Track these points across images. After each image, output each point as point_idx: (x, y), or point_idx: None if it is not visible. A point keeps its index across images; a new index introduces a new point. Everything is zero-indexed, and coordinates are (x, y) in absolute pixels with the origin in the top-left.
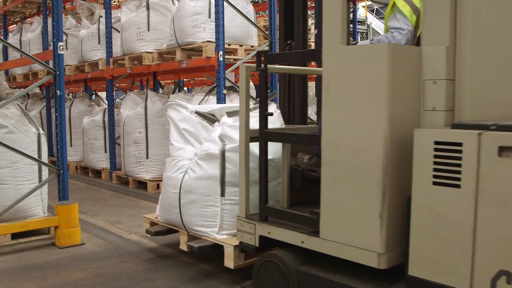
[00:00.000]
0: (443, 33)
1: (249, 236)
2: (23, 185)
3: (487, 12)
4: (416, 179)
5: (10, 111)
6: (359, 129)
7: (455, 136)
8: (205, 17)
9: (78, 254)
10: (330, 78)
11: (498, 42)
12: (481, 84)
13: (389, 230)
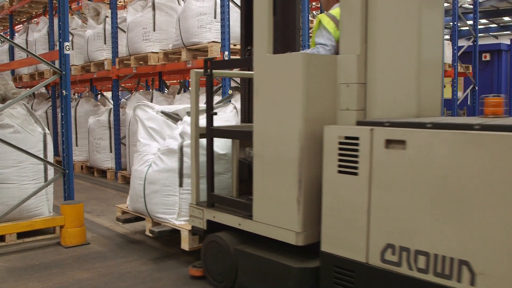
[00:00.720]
0: (355, 43)
1: (199, 221)
2: (29, 184)
3: (392, 25)
4: (325, 168)
5: (16, 111)
6: (281, 127)
7: (353, 132)
8: (210, 18)
9: (83, 254)
10: (259, 82)
11: (400, 50)
12: (388, 86)
13: (305, 212)
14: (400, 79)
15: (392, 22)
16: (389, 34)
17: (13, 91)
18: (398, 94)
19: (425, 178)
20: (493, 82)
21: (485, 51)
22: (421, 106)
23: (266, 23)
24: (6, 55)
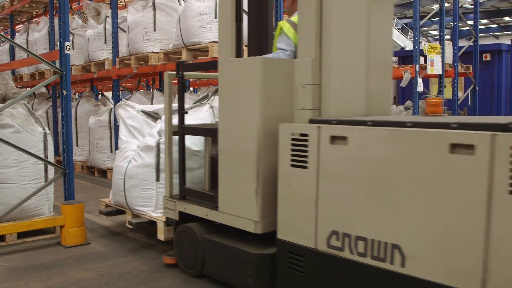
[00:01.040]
0: (310, 48)
1: (172, 212)
2: (29, 184)
3: (343, 31)
4: (280, 162)
5: (17, 111)
6: (241, 125)
7: (303, 129)
8: (211, 18)
9: (84, 254)
10: (223, 83)
11: (350, 54)
12: (340, 87)
13: (263, 203)
14: (351, 80)
15: (343, 28)
16: (341, 39)
17: (13, 91)
18: (349, 94)
19: (363, 170)
20: (493, 82)
21: (486, 51)
22: (371, 104)
23: (228, 29)
24: (6, 55)
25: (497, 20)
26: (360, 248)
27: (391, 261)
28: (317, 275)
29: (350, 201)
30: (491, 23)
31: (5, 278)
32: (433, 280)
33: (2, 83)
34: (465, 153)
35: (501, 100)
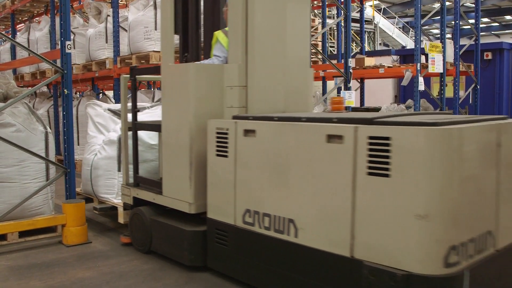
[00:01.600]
0: (237, 55)
1: (127, 198)
2: (31, 183)
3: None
4: (208, 153)
5: (18, 110)
6: (178, 121)
7: (224, 124)
8: None
9: (85, 253)
10: (164, 85)
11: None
12: (263, 88)
13: (196, 187)
14: (271, 81)
15: (265, 36)
16: (263, 47)
17: (14, 90)
18: (270, 93)
19: (267, 158)
20: (494, 81)
21: (487, 50)
22: (289, 102)
23: (168, 39)
24: (8, 54)
25: (498, 18)
26: (266, 223)
27: (288, 232)
28: (236, 247)
29: (258, 184)
30: (492, 21)
31: (7, 277)
32: (318, 248)
33: (3, 82)
34: (337, 142)
35: (502, 98)
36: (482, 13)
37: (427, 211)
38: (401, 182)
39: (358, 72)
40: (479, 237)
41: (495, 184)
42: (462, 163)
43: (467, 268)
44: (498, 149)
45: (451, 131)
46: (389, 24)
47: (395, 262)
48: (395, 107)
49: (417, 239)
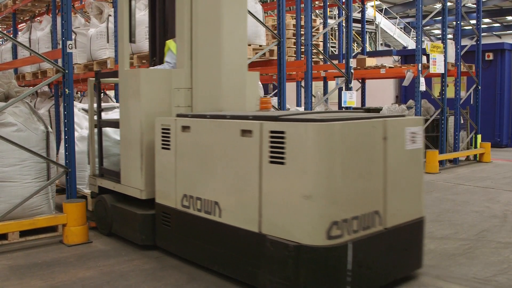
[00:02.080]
0: (183, 61)
1: (94, 187)
2: (31, 183)
3: (205, 48)
4: (156, 146)
5: (19, 109)
6: (131, 118)
7: (167, 121)
8: None
9: (86, 252)
10: (121, 88)
11: (211, 64)
12: (205, 89)
13: (146, 176)
14: (212, 83)
15: (207, 44)
16: (205, 55)
17: (16, 89)
18: (211, 94)
19: (199, 150)
20: (496, 81)
21: (488, 50)
22: (228, 102)
23: (124, 47)
24: (9, 53)
25: (499, 19)
26: (198, 205)
27: (214, 213)
28: (177, 227)
29: (192, 172)
30: (493, 22)
31: (8, 276)
32: (236, 225)
33: (4, 82)
34: (248, 136)
35: (503, 99)
36: (483, 13)
37: (311, 192)
38: (292, 169)
39: (359, 73)
40: (365, 216)
41: (382, 171)
42: (344, 153)
43: (350, 241)
44: (385, 141)
45: (332, 127)
46: (390, 25)
47: (289, 235)
48: (396, 107)
49: (304, 216)
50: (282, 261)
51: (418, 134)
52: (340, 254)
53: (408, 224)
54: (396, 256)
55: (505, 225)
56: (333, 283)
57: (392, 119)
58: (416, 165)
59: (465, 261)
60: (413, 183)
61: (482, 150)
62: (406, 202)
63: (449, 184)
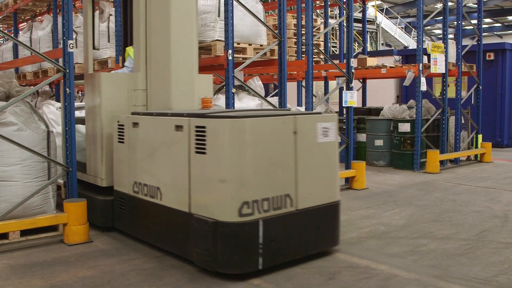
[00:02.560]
0: (140, 65)
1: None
2: (32, 182)
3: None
4: (113, 140)
5: (20, 109)
6: (94, 116)
7: (121, 118)
8: (214, 16)
9: (87, 252)
10: (86, 89)
11: (162, 69)
12: (158, 90)
13: (106, 166)
14: (165, 86)
15: (159, 53)
16: (158, 60)
17: (17, 89)
18: (164, 95)
19: (145, 143)
20: (497, 81)
21: (489, 50)
22: (178, 101)
23: (88, 52)
24: (10, 53)
25: (500, 19)
26: (145, 191)
27: (157, 197)
28: (130, 210)
29: (140, 162)
30: (494, 22)
31: (8, 275)
32: (173, 207)
33: (5, 81)
34: (180, 130)
35: (504, 99)
36: (484, 13)
37: (225, 177)
38: (211, 157)
39: (360, 72)
40: (276, 198)
41: (293, 161)
42: (255, 144)
43: (261, 218)
44: (295, 135)
45: (243, 122)
46: (391, 24)
47: (210, 214)
48: (397, 107)
49: (220, 197)
50: (204, 235)
51: (331, 129)
52: (251, 229)
53: (321, 207)
54: (309, 234)
55: (506, 225)
56: (246, 253)
57: (303, 116)
58: (328, 156)
59: (465, 261)
60: (326, 171)
61: (483, 150)
62: (318, 187)
63: (450, 184)
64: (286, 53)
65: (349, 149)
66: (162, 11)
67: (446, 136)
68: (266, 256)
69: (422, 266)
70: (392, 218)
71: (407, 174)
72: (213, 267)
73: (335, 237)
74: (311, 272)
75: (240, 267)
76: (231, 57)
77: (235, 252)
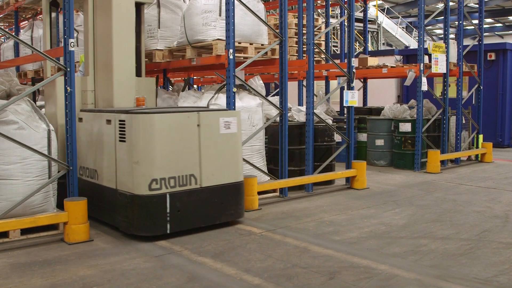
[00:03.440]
0: (88, 70)
1: None
2: (33, 181)
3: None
4: None
5: (21, 107)
6: (54, 114)
7: None
8: (215, 15)
9: (87, 250)
10: (45, 90)
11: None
12: (104, 92)
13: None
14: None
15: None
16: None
17: (17, 87)
18: (107, 95)
19: (87, 134)
20: (498, 81)
21: (490, 50)
22: (119, 100)
23: None
24: (11, 51)
25: (502, 19)
26: (87, 173)
27: (95, 178)
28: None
29: (84, 149)
30: (496, 22)
31: (8, 274)
32: (105, 185)
33: (6, 80)
34: (110, 124)
35: (505, 99)
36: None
37: (138, 159)
38: (129, 144)
39: (361, 72)
40: (181, 177)
41: (197, 147)
42: (162, 134)
43: (168, 193)
44: (199, 127)
45: (152, 117)
46: (392, 24)
47: (128, 189)
48: (398, 107)
49: (134, 175)
50: (124, 205)
51: (232, 123)
52: (159, 201)
53: (224, 185)
54: (213, 207)
55: (506, 225)
56: (156, 220)
57: (206, 112)
58: (230, 145)
59: (466, 261)
60: (228, 157)
61: (483, 150)
62: (221, 169)
63: (451, 184)
64: (287, 53)
65: (350, 148)
66: (106, 23)
67: (447, 136)
68: (173, 223)
69: (422, 266)
70: (393, 218)
71: (407, 174)
72: (131, 231)
73: (239, 210)
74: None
75: (152, 231)
76: (232, 56)
77: (147, 219)
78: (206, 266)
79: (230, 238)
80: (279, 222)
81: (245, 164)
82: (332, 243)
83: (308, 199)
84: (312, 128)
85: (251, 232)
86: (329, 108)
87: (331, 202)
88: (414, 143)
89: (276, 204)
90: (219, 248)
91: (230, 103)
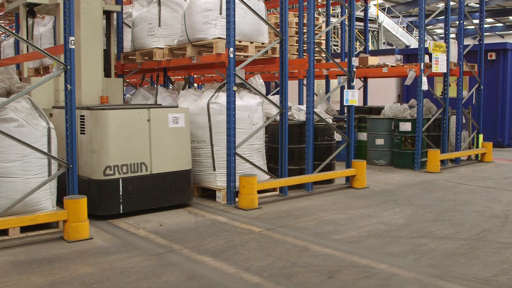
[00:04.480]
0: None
1: None
2: (33, 179)
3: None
4: None
5: (21, 105)
6: None
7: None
8: (216, 14)
9: (86, 249)
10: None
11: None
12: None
13: None
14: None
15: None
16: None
17: (17, 85)
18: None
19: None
20: (498, 81)
21: (491, 50)
22: (87, 99)
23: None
24: (11, 49)
25: (502, 19)
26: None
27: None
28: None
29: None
30: (496, 22)
31: (8, 272)
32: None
33: (6, 77)
34: (81, 118)
35: (505, 99)
36: (486, 13)
37: (94, 149)
38: (87, 136)
39: (361, 71)
40: (133, 164)
41: (148, 139)
42: (116, 127)
43: (121, 178)
44: (149, 122)
45: (107, 112)
46: (393, 23)
47: (87, 174)
48: (398, 106)
49: (92, 163)
50: (84, 189)
51: (180, 118)
52: (113, 185)
53: (173, 173)
54: (162, 191)
55: (506, 225)
56: (111, 201)
57: (156, 109)
58: (178, 137)
59: (465, 261)
60: (177, 148)
61: (483, 150)
62: (169, 159)
63: (451, 184)
64: (287, 51)
65: (350, 148)
66: (75, 29)
67: (447, 135)
68: (125, 204)
69: (422, 266)
70: (392, 217)
71: (407, 173)
72: (90, 211)
73: (187, 195)
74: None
75: (107, 211)
76: (233, 55)
77: (103, 200)
78: (206, 265)
79: (230, 237)
80: (278, 221)
81: (245, 162)
82: (332, 242)
83: (308, 198)
84: (312, 127)
85: (251, 231)
86: (329, 107)
87: (331, 201)
88: (414, 143)
89: (276, 203)
90: (219, 246)
91: (230, 102)
